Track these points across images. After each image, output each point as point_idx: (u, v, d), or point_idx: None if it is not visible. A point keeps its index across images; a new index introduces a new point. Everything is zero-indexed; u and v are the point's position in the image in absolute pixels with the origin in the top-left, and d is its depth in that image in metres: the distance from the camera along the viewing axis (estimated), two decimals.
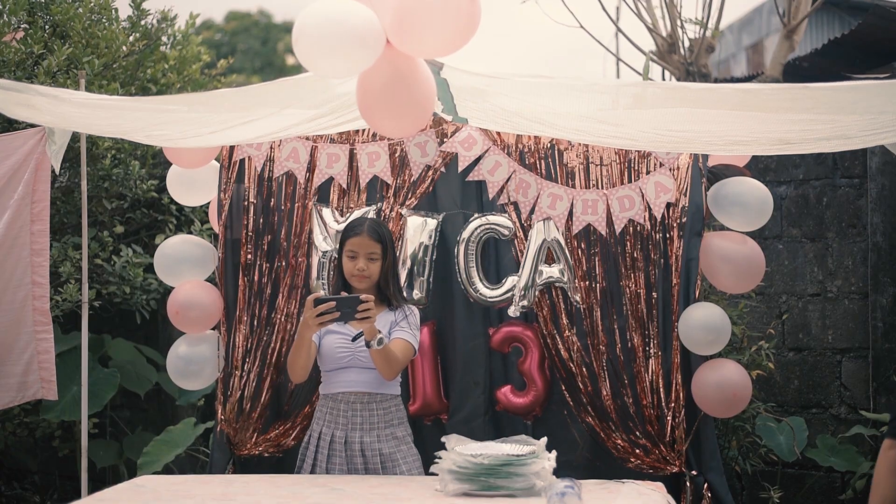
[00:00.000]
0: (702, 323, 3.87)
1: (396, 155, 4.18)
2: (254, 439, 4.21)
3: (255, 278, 4.21)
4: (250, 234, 4.22)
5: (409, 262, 4.11)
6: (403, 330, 3.55)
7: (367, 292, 3.51)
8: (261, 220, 4.22)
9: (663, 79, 7.19)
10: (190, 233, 5.52)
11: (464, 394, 4.14)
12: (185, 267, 4.22)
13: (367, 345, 3.38)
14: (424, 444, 4.11)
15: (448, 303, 4.17)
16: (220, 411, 4.22)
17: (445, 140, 4.14)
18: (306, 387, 4.15)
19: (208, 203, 4.41)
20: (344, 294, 3.51)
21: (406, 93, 2.98)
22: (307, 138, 4.19)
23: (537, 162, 4.11)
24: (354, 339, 3.44)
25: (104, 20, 5.46)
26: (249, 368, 4.20)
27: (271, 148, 4.22)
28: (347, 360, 3.56)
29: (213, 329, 4.26)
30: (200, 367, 4.18)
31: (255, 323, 4.21)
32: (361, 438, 3.55)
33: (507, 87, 3.43)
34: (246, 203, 4.23)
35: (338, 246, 3.73)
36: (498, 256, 4.16)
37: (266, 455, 4.22)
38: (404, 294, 3.85)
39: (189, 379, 4.21)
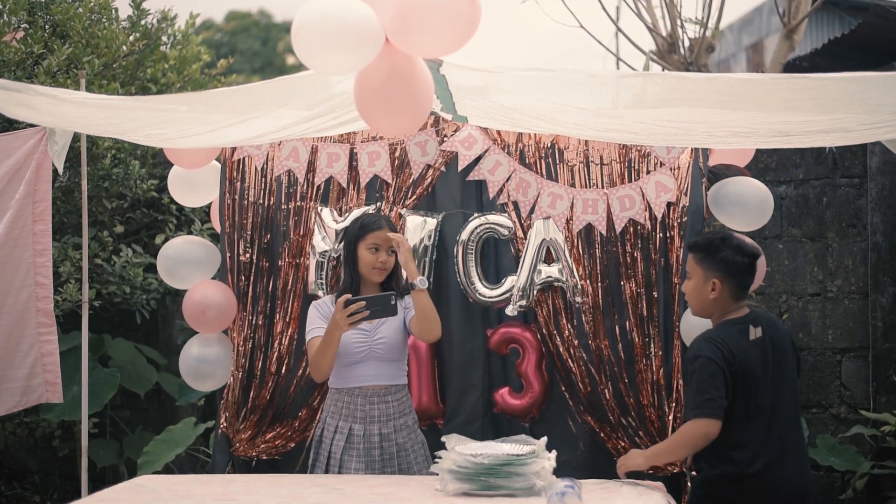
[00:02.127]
0: (705, 323, 3.86)
1: (396, 154, 4.18)
2: (253, 441, 4.20)
3: (256, 278, 4.20)
4: (251, 233, 4.22)
5: None
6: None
7: (381, 285, 3.69)
8: (262, 220, 4.22)
9: None
10: (190, 232, 5.52)
11: (461, 397, 4.13)
12: (188, 268, 4.21)
13: (412, 286, 3.53)
14: None
15: (445, 305, 4.16)
16: (223, 413, 4.21)
17: (446, 139, 4.14)
18: (305, 389, 4.15)
19: (208, 203, 4.41)
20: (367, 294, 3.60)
21: (404, 91, 2.98)
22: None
23: (538, 161, 4.11)
24: (406, 289, 3.53)
25: (104, 20, 5.46)
26: (250, 370, 4.20)
27: (272, 147, 4.22)
28: (364, 353, 3.61)
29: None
30: (213, 368, 4.15)
31: (256, 324, 4.20)
32: (380, 431, 3.61)
33: (507, 83, 3.43)
34: (247, 202, 4.23)
35: (351, 241, 3.70)
36: (497, 256, 4.15)
37: (264, 458, 4.22)
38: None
39: (202, 380, 4.18)
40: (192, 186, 4.30)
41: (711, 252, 3.30)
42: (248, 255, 4.21)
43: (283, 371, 4.17)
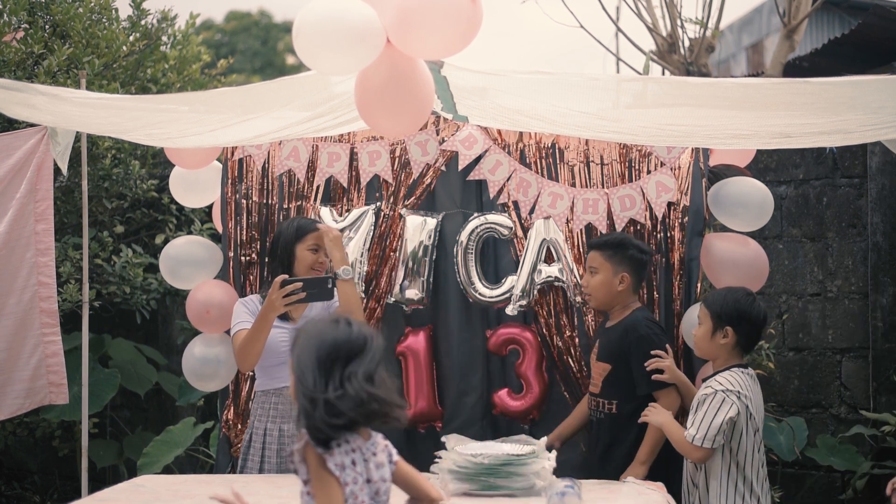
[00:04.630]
0: None
1: (397, 154, 4.18)
2: None
3: (258, 278, 4.20)
4: (253, 233, 4.22)
5: (409, 263, 4.11)
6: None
7: None
8: (263, 220, 4.22)
9: None
10: (190, 232, 5.52)
11: (459, 399, 4.13)
12: (191, 268, 4.19)
13: (336, 275, 3.52)
14: (417, 452, 4.09)
15: (444, 306, 4.16)
16: (226, 414, 4.20)
17: (446, 139, 4.14)
18: None
19: (210, 203, 4.41)
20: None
21: (405, 92, 2.98)
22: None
23: (538, 161, 4.11)
24: (332, 280, 3.48)
25: (104, 20, 5.46)
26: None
27: (272, 147, 4.22)
28: None
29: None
30: (216, 368, 4.13)
31: None
32: None
33: (508, 85, 3.43)
34: (248, 202, 4.23)
35: (289, 242, 3.67)
36: (497, 256, 4.15)
37: None
38: (400, 294, 4.01)
39: (205, 380, 4.16)
40: (194, 187, 4.30)
41: (621, 249, 3.67)
42: (249, 255, 4.21)
43: None
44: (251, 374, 4.17)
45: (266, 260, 4.20)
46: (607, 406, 3.64)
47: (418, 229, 4.12)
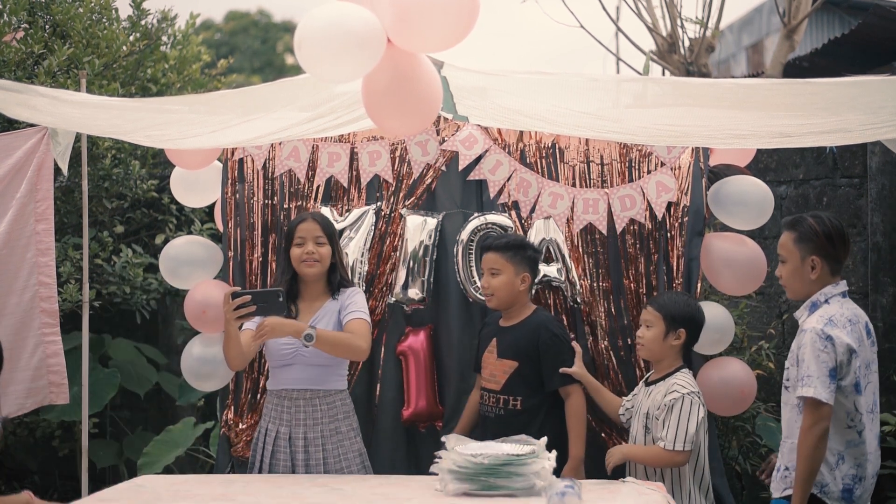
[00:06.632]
0: (707, 322, 3.86)
1: (397, 154, 4.18)
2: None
3: (258, 278, 4.20)
4: (254, 233, 4.22)
5: (409, 262, 4.11)
6: (352, 311, 3.59)
7: (316, 280, 3.63)
8: (263, 220, 4.22)
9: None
10: (190, 232, 5.52)
11: (460, 399, 4.12)
12: (190, 268, 4.19)
13: (304, 345, 3.46)
14: (418, 452, 4.10)
15: (445, 305, 4.16)
16: (226, 414, 4.20)
17: (446, 139, 4.14)
18: None
19: (210, 203, 4.41)
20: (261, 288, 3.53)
21: (410, 89, 2.98)
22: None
23: (538, 161, 4.11)
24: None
25: (104, 20, 5.46)
26: (249, 371, 4.19)
27: (273, 147, 4.22)
28: (291, 357, 3.60)
29: None
30: (214, 368, 4.11)
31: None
32: (305, 434, 3.58)
33: (508, 85, 3.43)
34: (249, 202, 4.23)
35: (287, 247, 3.69)
36: None
37: None
38: (401, 293, 3.95)
39: (203, 380, 4.15)
40: (195, 187, 4.30)
41: (521, 250, 3.76)
42: (252, 255, 4.21)
43: None
44: (247, 372, 4.18)
45: (268, 258, 4.21)
46: (511, 402, 3.69)
47: (418, 229, 4.12)
